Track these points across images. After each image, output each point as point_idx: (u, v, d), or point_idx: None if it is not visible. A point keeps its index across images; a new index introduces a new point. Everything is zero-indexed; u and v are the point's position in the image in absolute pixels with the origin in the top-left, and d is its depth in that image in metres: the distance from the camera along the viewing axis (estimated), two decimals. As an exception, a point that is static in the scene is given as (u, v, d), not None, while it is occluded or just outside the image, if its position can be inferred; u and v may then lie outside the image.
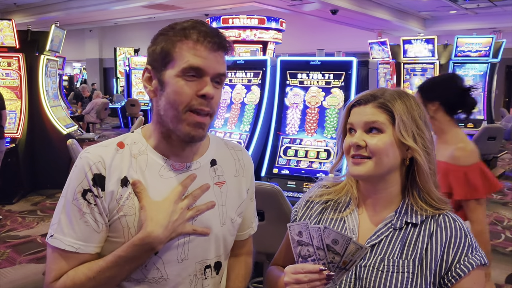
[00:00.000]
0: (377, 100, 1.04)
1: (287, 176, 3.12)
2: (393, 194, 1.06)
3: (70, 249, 0.97)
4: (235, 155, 1.18)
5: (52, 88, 6.29)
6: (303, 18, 13.09)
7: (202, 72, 0.96)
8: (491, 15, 12.42)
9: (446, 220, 1.03)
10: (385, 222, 1.05)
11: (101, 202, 0.97)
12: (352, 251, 0.89)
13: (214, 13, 11.51)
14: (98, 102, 10.73)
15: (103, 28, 18.66)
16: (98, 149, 1.02)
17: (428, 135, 1.05)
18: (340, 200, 1.13)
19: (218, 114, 3.79)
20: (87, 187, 0.97)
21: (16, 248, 4.02)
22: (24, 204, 5.40)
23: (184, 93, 0.96)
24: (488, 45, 6.90)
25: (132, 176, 1.00)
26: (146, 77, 1.03)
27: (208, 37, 0.97)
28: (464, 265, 0.99)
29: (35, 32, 6.12)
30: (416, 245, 1.01)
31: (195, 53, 0.96)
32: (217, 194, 1.09)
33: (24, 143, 5.72)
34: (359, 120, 1.04)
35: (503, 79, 14.28)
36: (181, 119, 0.97)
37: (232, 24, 8.54)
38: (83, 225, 0.97)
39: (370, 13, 11.40)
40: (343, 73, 3.13)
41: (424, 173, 1.03)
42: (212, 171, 1.10)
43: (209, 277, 1.10)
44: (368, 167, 1.02)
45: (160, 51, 0.98)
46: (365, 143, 1.02)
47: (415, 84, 7.34)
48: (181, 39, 0.97)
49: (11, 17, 6.22)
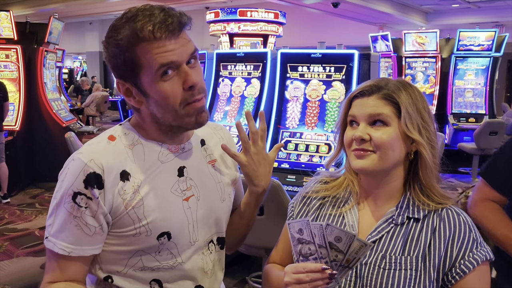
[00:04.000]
0: (381, 91, 0.99)
1: (287, 170, 3.09)
2: (395, 189, 1.03)
3: (63, 252, 0.95)
4: (218, 134, 1.20)
5: (51, 80, 6.25)
6: (304, 11, 13.01)
7: (175, 64, 0.92)
8: (494, 9, 12.34)
9: (449, 214, 0.99)
10: (385, 218, 1.01)
11: (97, 203, 0.93)
12: (356, 249, 0.85)
13: (215, 6, 11.43)
14: (98, 95, 10.69)
15: (103, 21, 18.54)
16: (90, 147, 0.99)
17: (432, 128, 1.01)
18: (338, 195, 1.09)
19: (218, 107, 3.76)
20: (77, 190, 0.93)
21: (14, 241, 4.00)
22: (22, 197, 5.38)
23: (172, 94, 0.93)
24: (490, 39, 6.84)
25: (131, 168, 0.97)
26: (124, 90, 0.98)
27: (162, 27, 0.89)
28: (469, 261, 0.95)
29: (33, 24, 6.08)
30: (419, 241, 0.97)
31: (159, 51, 0.90)
32: (212, 173, 1.12)
33: (22, 136, 5.70)
34: (363, 112, 0.99)
35: (505, 74, 14.22)
36: (182, 116, 0.96)
37: (251, 17, 8.36)
38: (74, 229, 0.94)
39: (372, 6, 11.32)
40: (344, 66, 3.09)
41: (427, 168, 0.99)
42: (203, 151, 1.12)
43: (214, 251, 1.11)
44: (372, 160, 0.97)
45: (124, 63, 0.92)
46: (369, 137, 0.97)
47: (416, 78, 7.29)
48: (137, 44, 0.90)
49: (10, 9, 6.17)
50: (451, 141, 6.85)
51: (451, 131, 6.91)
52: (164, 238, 0.99)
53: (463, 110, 6.97)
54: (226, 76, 3.75)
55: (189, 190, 1.04)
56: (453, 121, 6.90)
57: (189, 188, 1.04)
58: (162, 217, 0.98)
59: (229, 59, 3.76)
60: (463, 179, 6.45)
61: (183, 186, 1.03)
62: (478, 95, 6.95)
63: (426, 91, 7.19)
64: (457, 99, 7.01)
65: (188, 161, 1.06)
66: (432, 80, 7.14)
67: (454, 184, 6.20)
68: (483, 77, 6.94)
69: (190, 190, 1.04)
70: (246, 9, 8.36)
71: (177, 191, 1.02)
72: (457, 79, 7.03)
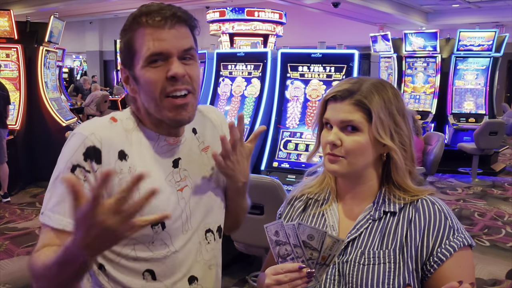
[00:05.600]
0: (353, 96, 0.99)
1: (287, 170, 3.10)
2: (371, 187, 1.04)
3: (58, 226, 0.93)
4: (210, 116, 1.19)
5: (51, 80, 6.26)
6: (305, 11, 13.01)
7: (165, 54, 0.93)
8: (494, 9, 12.34)
9: (424, 204, 1.00)
10: (364, 214, 1.03)
11: (95, 176, 0.93)
12: (329, 245, 0.87)
13: (215, 5, 11.42)
14: (98, 95, 10.69)
15: (103, 20, 18.55)
16: (92, 123, 1.00)
17: (405, 129, 1.01)
18: (320, 197, 1.11)
19: (218, 107, 3.76)
20: (76, 162, 0.94)
21: (14, 240, 4.01)
22: (22, 196, 5.39)
23: (153, 79, 0.94)
24: (490, 39, 6.84)
25: (129, 151, 0.98)
26: (124, 77, 1.02)
27: (157, 15, 0.93)
28: (446, 249, 0.95)
29: (34, 23, 6.09)
30: (396, 233, 0.99)
31: (151, 38, 0.93)
32: (205, 161, 1.11)
33: (23, 135, 5.70)
34: (335, 117, 1.00)
35: (505, 74, 14.21)
36: (161, 107, 0.96)
37: (258, 17, 8.36)
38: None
39: (372, 6, 11.32)
40: (345, 66, 3.10)
41: (399, 169, 1.01)
42: (196, 140, 1.12)
43: (212, 241, 1.11)
44: (342, 165, 1.00)
45: (124, 47, 0.97)
46: (341, 142, 0.99)
47: (416, 78, 7.29)
48: (135, 29, 0.95)
49: (10, 8, 6.17)
50: (451, 141, 6.85)
51: (451, 131, 6.92)
52: (158, 226, 0.99)
53: (463, 110, 6.97)
54: (226, 76, 3.76)
55: (183, 181, 1.05)
56: (453, 121, 6.90)
57: (183, 179, 1.05)
58: (157, 206, 0.96)
59: (229, 58, 3.77)
60: (462, 179, 6.46)
61: (178, 177, 1.04)
62: (478, 95, 6.96)
63: (426, 91, 7.19)
64: (457, 99, 7.02)
65: (183, 152, 1.07)
66: (432, 80, 7.14)
67: (453, 184, 6.21)
68: (483, 77, 6.94)
69: (184, 181, 1.05)
70: (253, 9, 8.37)
71: (172, 181, 1.03)
72: (457, 79, 7.03)
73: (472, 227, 4.46)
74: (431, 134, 4.91)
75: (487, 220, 4.71)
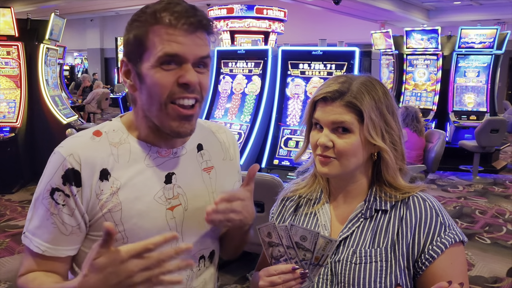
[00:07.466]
0: (344, 98, 0.97)
1: (288, 167, 3.09)
2: (363, 186, 1.04)
3: (37, 250, 0.92)
4: (220, 138, 1.13)
5: (52, 77, 6.25)
6: (306, 8, 12.98)
7: (181, 59, 0.88)
8: (496, 6, 12.29)
9: (415, 201, 1.00)
10: (355, 213, 1.03)
11: (75, 200, 0.90)
12: (322, 246, 0.87)
13: (216, 3, 11.40)
14: (99, 92, 10.69)
15: (104, 17, 18.53)
16: (71, 141, 0.95)
17: (395, 128, 1.01)
18: (311, 196, 1.11)
19: (218, 104, 3.76)
20: (56, 186, 0.90)
21: (15, 237, 4.01)
22: (24, 194, 5.39)
23: (163, 83, 0.87)
24: (492, 36, 6.82)
25: (113, 167, 0.92)
26: (124, 70, 0.95)
27: (182, 18, 0.87)
28: (437, 246, 0.95)
29: (34, 21, 6.07)
30: (387, 231, 0.98)
31: (170, 38, 0.86)
32: (206, 181, 1.04)
33: (23, 132, 5.70)
34: (326, 119, 0.98)
35: (507, 71, 14.19)
36: (164, 114, 0.90)
37: (267, 15, 8.37)
38: (50, 226, 0.91)
39: (373, 3, 11.29)
40: (345, 64, 3.09)
41: (390, 168, 1.00)
42: (199, 157, 1.05)
43: (202, 268, 1.05)
44: (334, 167, 0.99)
45: (133, 40, 0.91)
46: (332, 144, 0.98)
47: (417, 75, 7.28)
48: (152, 25, 0.88)
49: (11, 5, 6.16)
50: (452, 138, 6.84)
51: (452, 128, 6.90)
52: None
53: (464, 107, 6.96)
54: (227, 73, 3.75)
55: (175, 199, 0.98)
56: (454, 119, 6.88)
57: (175, 197, 0.98)
58: (141, 225, 0.92)
59: (230, 56, 3.76)
60: (463, 177, 6.45)
61: (169, 194, 0.97)
62: (479, 92, 6.94)
63: (427, 89, 7.18)
64: (458, 97, 7.00)
65: (179, 167, 1.00)
66: (433, 78, 7.13)
67: (454, 182, 6.20)
68: (484, 75, 6.92)
69: (177, 199, 0.98)
70: (262, 7, 8.40)
71: (161, 198, 0.96)
72: (458, 77, 7.01)
73: (473, 225, 4.45)
74: (432, 132, 4.91)
75: (488, 218, 4.70)
